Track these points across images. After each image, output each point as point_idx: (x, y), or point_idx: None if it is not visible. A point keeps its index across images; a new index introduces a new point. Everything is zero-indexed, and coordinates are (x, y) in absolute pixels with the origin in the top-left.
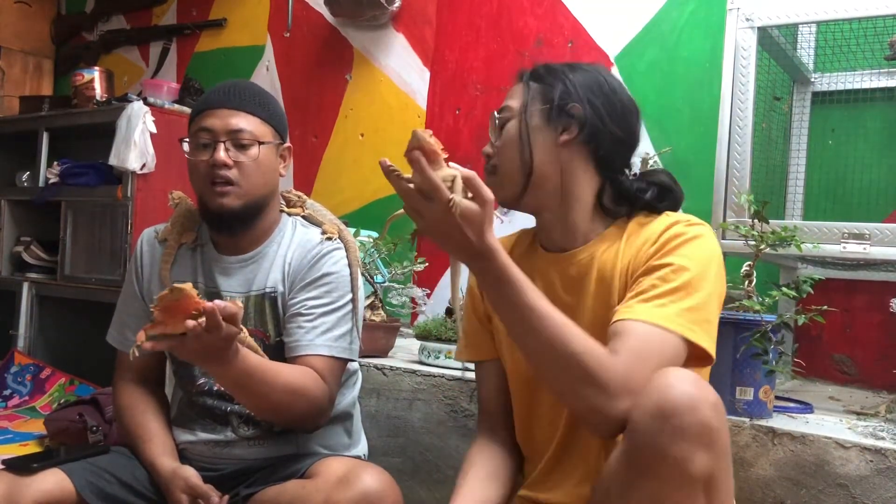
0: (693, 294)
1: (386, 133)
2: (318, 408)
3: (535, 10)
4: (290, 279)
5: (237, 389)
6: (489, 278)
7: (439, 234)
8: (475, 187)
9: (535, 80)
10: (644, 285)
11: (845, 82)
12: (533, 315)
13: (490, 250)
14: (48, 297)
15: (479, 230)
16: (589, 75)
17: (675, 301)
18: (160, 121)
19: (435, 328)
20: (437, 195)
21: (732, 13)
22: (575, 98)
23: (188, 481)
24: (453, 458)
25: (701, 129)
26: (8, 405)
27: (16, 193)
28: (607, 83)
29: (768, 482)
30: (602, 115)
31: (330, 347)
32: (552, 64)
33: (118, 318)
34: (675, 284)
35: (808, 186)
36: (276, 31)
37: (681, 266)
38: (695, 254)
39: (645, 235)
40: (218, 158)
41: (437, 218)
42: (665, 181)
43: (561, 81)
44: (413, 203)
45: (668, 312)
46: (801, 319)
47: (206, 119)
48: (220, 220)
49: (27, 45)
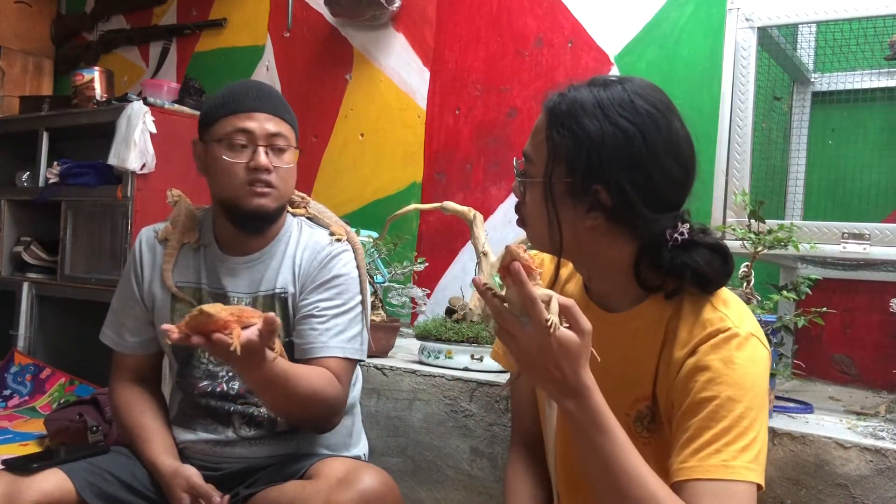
0: (749, 428)
1: (386, 133)
2: (333, 409)
3: (535, 10)
4: (300, 280)
5: (263, 391)
6: (580, 420)
7: (532, 360)
8: (573, 316)
9: (557, 128)
10: (693, 428)
11: (845, 82)
12: (623, 474)
13: (585, 388)
14: (48, 297)
15: (576, 363)
16: (620, 129)
17: (728, 444)
18: (160, 121)
19: (435, 328)
20: (534, 312)
21: (732, 13)
22: (599, 176)
23: (189, 480)
24: (453, 458)
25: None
26: (8, 405)
27: (16, 193)
28: (643, 139)
29: (768, 482)
30: (632, 198)
31: (343, 349)
32: (578, 97)
33: (115, 319)
34: (726, 424)
35: (808, 186)
36: (276, 31)
37: (729, 398)
38: (744, 378)
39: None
40: (261, 163)
41: (532, 341)
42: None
43: (585, 146)
44: (507, 324)
45: (733, 463)
46: (800, 322)
47: (242, 121)
48: (253, 219)
49: (27, 45)
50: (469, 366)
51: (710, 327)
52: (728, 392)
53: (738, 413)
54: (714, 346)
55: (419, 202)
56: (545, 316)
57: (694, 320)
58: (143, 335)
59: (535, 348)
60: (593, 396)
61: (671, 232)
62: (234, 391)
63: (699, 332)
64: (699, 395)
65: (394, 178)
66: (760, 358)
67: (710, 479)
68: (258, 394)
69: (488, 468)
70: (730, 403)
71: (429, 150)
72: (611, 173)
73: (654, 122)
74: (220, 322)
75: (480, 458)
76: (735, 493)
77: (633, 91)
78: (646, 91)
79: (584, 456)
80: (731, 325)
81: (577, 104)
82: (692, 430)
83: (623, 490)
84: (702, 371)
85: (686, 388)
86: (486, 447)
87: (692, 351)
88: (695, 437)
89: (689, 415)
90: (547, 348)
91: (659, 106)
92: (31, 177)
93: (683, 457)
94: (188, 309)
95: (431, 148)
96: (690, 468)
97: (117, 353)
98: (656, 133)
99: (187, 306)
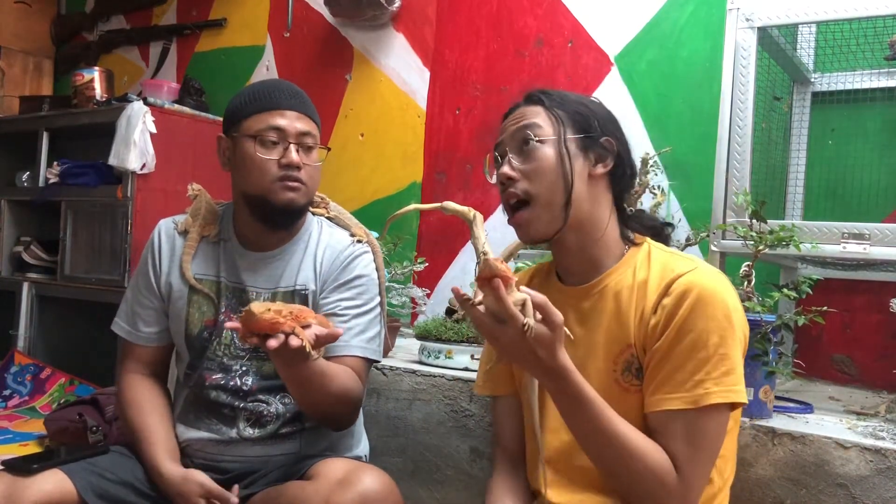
0: (724, 358)
1: (386, 133)
2: (355, 407)
3: (535, 10)
4: (321, 279)
5: (299, 387)
6: (565, 396)
7: (514, 353)
8: (547, 312)
9: (556, 104)
10: (673, 364)
11: (845, 82)
12: (607, 434)
13: (564, 369)
14: (48, 297)
15: (552, 351)
16: (604, 109)
17: (709, 374)
18: (160, 121)
19: (435, 328)
20: (513, 322)
21: (732, 13)
22: (607, 131)
23: (203, 485)
24: (453, 458)
25: (701, 129)
26: (8, 405)
27: (16, 193)
28: (614, 119)
29: (768, 482)
30: (626, 150)
31: (364, 349)
32: (565, 92)
33: (129, 309)
34: (704, 355)
35: (808, 186)
36: (276, 31)
37: (703, 331)
38: (714, 312)
39: (656, 274)
40: (293, 160)
41: (512, 341)
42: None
43: (591, 112)
44: (486, 329)
45: (707, 391)
46: (801, 321)
47: (275, 118)
48: (282, 214)
49: (27, 45)
50: (469, 366)
51: (676, 272)
52: (701, 325)
53: (714, 342)
54: (681, 285)
55: (419, 202)
56: (521, 321)
57: (661, 268)
58: (158, 326)
59: (515, 345)
60: (571, 375)
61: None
62: (248, 387)
63: (668, 276)
64: (673, 333)
65: (394, 178)
66: (724, 290)
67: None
68: (293, 389)
69: (488, 468)
70: (704, 335)
71: (429, 150)
72: (612, 127)
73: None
74: (265, 323)
75: (480, 458)
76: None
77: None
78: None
79: (572, 426)
80: (693, 266)
81: (560, 93)
82: (671, 365)
83: (607, 453)
84: (673, 311)
85: (659, 329)
86: (486, 447)
87: (662, 295)
88: (677, 368)
89: (667, 351)
90: (525, 344)
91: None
92: (31, 177)
93: (664, 391)
94: (206, 301)
95: (431, 148)
96: (667, 399)
97: (128, 344)
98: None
99: (205, 299)
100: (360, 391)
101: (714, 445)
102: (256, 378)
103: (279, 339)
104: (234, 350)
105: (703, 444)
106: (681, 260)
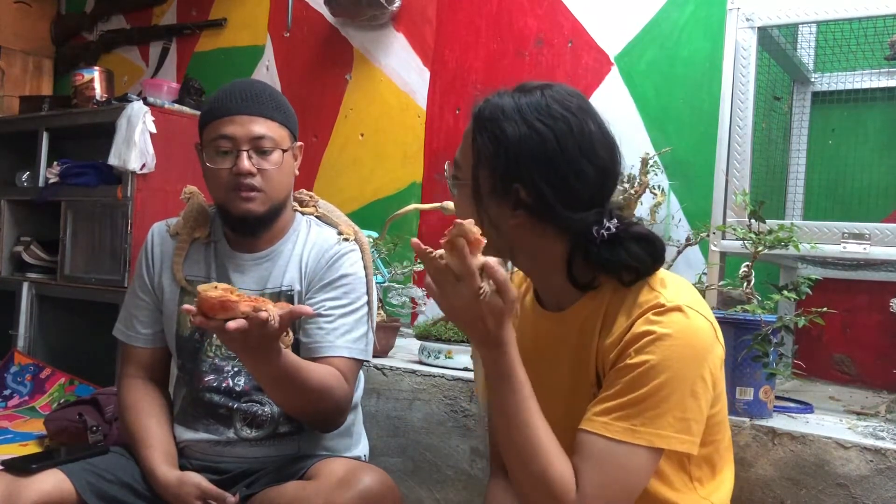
0: (662, 400)
1: (386, 133)
2: (340, 407)
3: (535, 10)
4: (307, 279)
5: (274, 386)
6: (495, 368)
7: (460, 313)
8: (503, 287)
9: (480, 132)
10: (612, 389)
11: (845, 82)
12: (520, 419)
13: (503, 342)
14: (48, 297)
15: (500, 322)
16: (535, 132)
17: (641, 412)
18: (160, 121)
19: (435, 328)
20: (469, 281)
21: (732, 13)
22: (518, 176)
23: (200, 486)
24: (453, 458)
25: (701, 129)
26: (8, 405)
27: (16, 193)
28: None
29: (768, 482)
30: (547, 196)
31: (350, 349)
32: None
33: (126, 313)
34: (643, 392)
35: (808, 186)
36: (276, 31)
37: (651, 368)
38: (671, 352)
39: (626, 308)
40: (243, 167)
41: (464, 302)
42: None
43: (504, 148)
44: (442, 283)
45: (631, 428)
46: (801, 322)
47: (225, 126)
48: (243, 224)
49: (27, 45)
50: (469, 366)
51: (645, 306)
52: (653, 361)
53: (657, 383)
54: (646, 320)
55: (419, 202)
56: (478, 285)
57: (632, 303)
58: (155, 327)
59: (465, 306)
60: (509, 351)
61: (597, 228)
62: (240, 387)
63: (636, 312)
64: (626, 362)
65: (394, 178)
66: (693, 328)
67: (607, 437)
68: (269, 389)
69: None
70: (652, 372)
71: (429, 150)
72: (527, 173)
73: (567, 126)
74: (215, 301)
75: (480, 458)
76: (627, 456)
77: (551, 96)
78: (563, 96)
79: (493, 407)
80: (664, 300)
81: (498, 109)
82: (611, 390)
83: (516, 439)
84: (632, 343)
85: (618, 359)
86: (486, 447)
87: (627, 329)
88: (615, 396)
89: (615, 378)
90: (475, 307)
91: (574, 110)
92: (31, 177)
93: (598, 410)
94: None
95: (431, 148)
96: (593, 422)
97: (128, 346)
98: (570, 136)
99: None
100: (344, 390)
101: (629, 482)
102: (249, 378)
103: (239, 323)
104: (225, 351)
105: (616, 475)
106: (651, 293)
